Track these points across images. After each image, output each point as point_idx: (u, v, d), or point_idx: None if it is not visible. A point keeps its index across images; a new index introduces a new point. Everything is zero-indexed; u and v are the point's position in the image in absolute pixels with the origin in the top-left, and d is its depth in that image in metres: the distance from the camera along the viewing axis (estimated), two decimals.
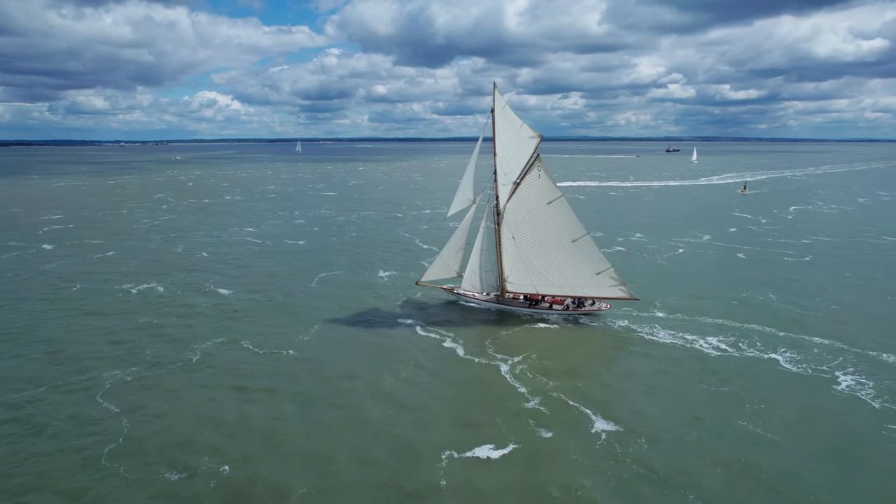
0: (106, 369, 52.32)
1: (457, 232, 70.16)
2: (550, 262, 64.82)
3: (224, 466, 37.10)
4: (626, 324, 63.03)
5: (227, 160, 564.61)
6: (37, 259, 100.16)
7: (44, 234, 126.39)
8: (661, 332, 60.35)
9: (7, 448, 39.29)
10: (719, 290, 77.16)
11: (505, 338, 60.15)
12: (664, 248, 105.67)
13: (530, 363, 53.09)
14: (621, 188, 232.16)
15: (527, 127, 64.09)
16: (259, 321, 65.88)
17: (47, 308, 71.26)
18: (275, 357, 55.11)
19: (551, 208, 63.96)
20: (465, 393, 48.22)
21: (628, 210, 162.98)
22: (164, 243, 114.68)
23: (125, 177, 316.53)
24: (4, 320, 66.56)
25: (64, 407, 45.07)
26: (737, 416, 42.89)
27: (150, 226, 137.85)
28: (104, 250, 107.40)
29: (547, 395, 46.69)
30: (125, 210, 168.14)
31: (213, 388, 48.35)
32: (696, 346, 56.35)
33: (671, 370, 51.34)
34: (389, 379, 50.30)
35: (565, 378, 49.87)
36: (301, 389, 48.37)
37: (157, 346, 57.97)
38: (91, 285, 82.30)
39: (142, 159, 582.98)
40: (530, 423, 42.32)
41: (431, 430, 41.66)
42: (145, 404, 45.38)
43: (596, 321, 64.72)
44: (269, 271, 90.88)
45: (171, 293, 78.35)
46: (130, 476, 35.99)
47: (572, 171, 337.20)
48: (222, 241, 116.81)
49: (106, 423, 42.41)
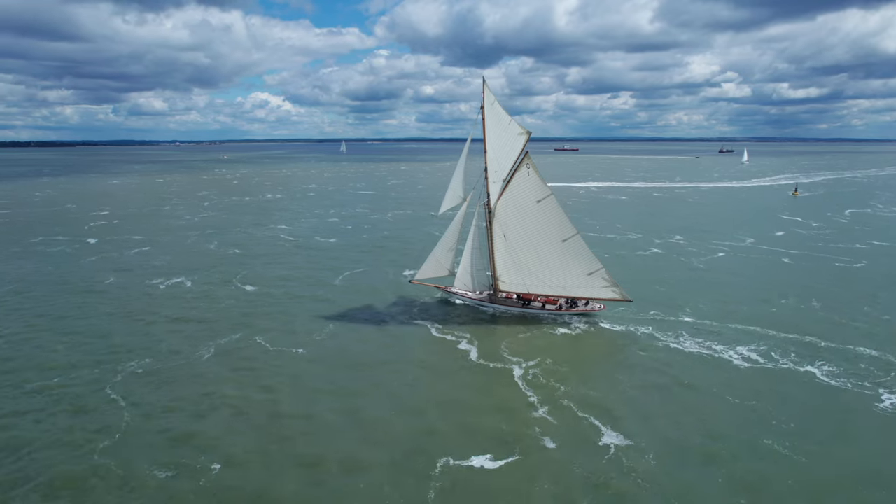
0: (121, 361, 52.86)
1: (448, 230, 69.67)
2: (541, 262, 63.90)
3: (215, 465, 36.48)
4: (649, 330, 59.82)
5: (274, 159, 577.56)
6: (79, 252, 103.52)
7: (89, 229, 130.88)
8: (686, 339, 56.96)
9: (6, 433, 39.80)
10: (757, 296, 72.74)
11: (509, 340, 57.93)
12: (702, 251, 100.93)
13: (539, 367, 50.80)
14: (666, 189, 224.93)
15: (515, 123, 63.24)
16: (276, 318, 65.70)
17: (78, 299, 73.07)
18: (284, 356, 54.55)
19: (541, 206, 62.78)
20: (466, 397, 46.20)
21: (670, 212, 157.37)
22: (199, 239, 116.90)
23: (174, 175, 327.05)
24: (37, 309, 68.54)
25: (71, 397, 45.55)
26: (761, 434, 39.60)
27: (189, 222, 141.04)
28: (141, 245, 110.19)
29: (555, 402, 44.40)
30: (168, 206, 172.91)
31: (218, 386, 48.04)
32: (723, 356, 52.85)
33: (692, 380, 48.15)
34: (392, 382, 48.98)
35: (575, 385, 47.42)
36: (303, 390, 47.58)
37: (174, 341, 58.34)
38: (123, 279, 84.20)
39: (193, 158, 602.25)
40: (535, 430, 40.22)
41: (429, 436, 40.08)
42: (150, 399, 45.40)
43: (605, 323, 61.77)
44: (295, 268, 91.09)
45: (198, 288, 79.29)
46: (120, 471, 35.73)
47: (617, 172, 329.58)
48: (255, 238, 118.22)
49: (108, 416, 42.52)
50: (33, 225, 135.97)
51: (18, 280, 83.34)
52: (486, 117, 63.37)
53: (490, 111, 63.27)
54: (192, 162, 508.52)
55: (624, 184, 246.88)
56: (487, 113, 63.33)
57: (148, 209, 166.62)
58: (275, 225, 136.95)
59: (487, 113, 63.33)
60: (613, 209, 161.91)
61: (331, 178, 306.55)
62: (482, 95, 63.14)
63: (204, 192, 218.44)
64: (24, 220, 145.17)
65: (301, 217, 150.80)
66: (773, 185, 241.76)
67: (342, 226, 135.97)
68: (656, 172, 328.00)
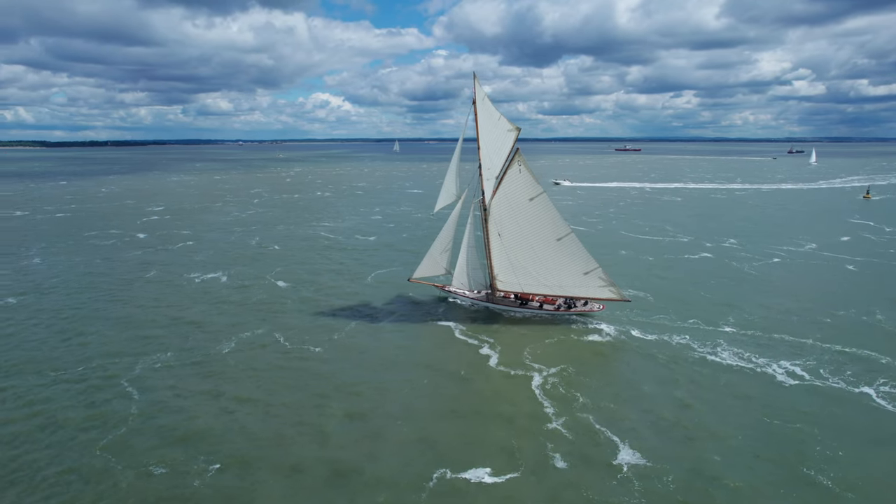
0: (144, 354, 53.32)
1: (443, 229, 68.90)
2: (537, 261, 63.04)
3: (212, 465, 35.64)
4: (685, 339, 55.68)
5: (329, 158, 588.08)
6: (128, 246, 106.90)
7: (141, 223, 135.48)
8: (724, 350, 52.64)
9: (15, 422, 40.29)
10: (812, 305, 67.00)
11: (520, 344, 55.06)
12: (757, 256, 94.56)
13: (555, 374, 47.86)
14: (725, 191, 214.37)
15: (504, 119, 62.13)
16: (300, 316, 65.18)
17: (116, 291, 74.86)
18: (300, 354, 53.70)
19: (534, 205, 61.78)
20: (474, 404, 43.82)
21: (726, 214, 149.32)
22: (242, 235, 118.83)
23: (231, 173, 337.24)
24: (76, 300, 70.58)
25: (87, 388, 45.95)
26: (803, 464, 35.51)
27: (236, 218, 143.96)
28: (186, 240, 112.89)
29: (571, 413, 41.44)
30: (220, 203, 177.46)
31: (228, 384, 47.53)
32: (766, 370, 48.40)
33: (725, 397, 44.12)
34: (399, 386, 47.19)
35: (593, 395, 44.20)
36: (311, 392, 46.39)
37: (198, 335, 58.55)
38: (163, 272, 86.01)
39: (252, 157, 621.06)
40: (545, 444, 37.50)
41: (430, 444, 37.93)
42: (160, 395, 45.28)
43: (637, 331, 57.74)
44: (330, 266, 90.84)
45: (232, 283, 80.00)
46: (118, 466, 35.37)
47: (674, 173, 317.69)
48: (296, 235, 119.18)
49: (117, 410, 42.56)
50: (91, 219, 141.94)
51: (66, 271, 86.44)
52: (479, 113, 62.20)
53: (481, 107, 62.06)
54: (251, 160, 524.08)
55: (680, 185, 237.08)
56: (479, 109, 62.14)
57: (200, 205, 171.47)
58: (318, 222, 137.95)
59: (479, 109, 62.14)
60: (666, 211, 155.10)
61: (381, 176, 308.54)
62: (473, 91, 61.79)
63: (256, 190, 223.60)
64: (84, 214, 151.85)
65: (345, 215, 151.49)
66: (844, 188, 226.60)
67: (384, 224, 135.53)
68: (716, 173, 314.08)
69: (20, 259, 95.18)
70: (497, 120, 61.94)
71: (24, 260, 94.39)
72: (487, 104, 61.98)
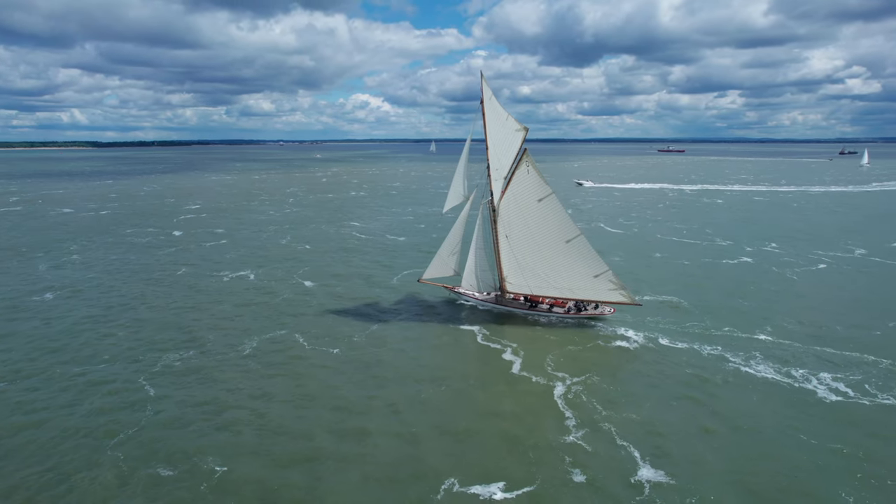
0: (164, 351, 53.65)
1: (452, 229, 68.33)
2: (545, 263, 62.31)
3: (218, 468, 35.17)
4: (718, 350, 52.86)
5: (367, 158, 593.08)
6: (162, 243, 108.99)
7: (178, 221, 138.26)
8: (759, 361, 49.75)
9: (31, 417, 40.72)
10: (859, 315, 63.08)
11: (539, 349, 53.14)
12: (801, 262, 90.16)
13: (577, 382, 45.90)
14: (769, 193, 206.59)
15: (512, 119, 61.58)
16: (322, 317, 64.81)
17: (146, 289, 76.02)
18: (317, 358, 53.02)
19: (542, 206, 60.96)
20: (491, 412, 42.33)
21: (769, 217, 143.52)
22: (274, 234, 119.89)
23: (269, 173, 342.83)
24: (107, 296, 71.89)
25: (106, 386, 46.24)
26: (844, 489, 32.91)
27: (270, 217, 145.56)
28: (219, 238, 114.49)
29: (593, 424, 39.51)
30: (255, 202, 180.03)
31: (243, 385, 47.22)
32: (804, 385, 45.42)
33: (757, 411, 41.44)
34: (413, 391, 45.97)
35: (617, 405, 42.11)
36: (325, 396, 45.66)
37: (220, 334, 58.69)
38: (193, 270, 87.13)
39: (291, 157, 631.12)
40: (564, 458, 35.77)
41: (441, 453, 36.63)
42: (176, 394, 45.25)
43: (665, 339, 55.03)
44: (357, 266, 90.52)
45: (259, 282, 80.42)
46: (125, 467, 35.24)
47: (716, 175, 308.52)
48: (327, 235, 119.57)
49: (133, 408, 42.63)
50: (131, 217, 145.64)
51: (102, 268, 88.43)
52: (486, 112, 61.59)
53: (489, 106, 61.42)
54: (290, 160, 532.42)
55: (722, 186, 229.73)
56: (487, 108, 61.52)
57: (236, 204, 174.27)
58: (350, 222, 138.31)
59: (487, 108, 61.52)
60: (705, 213, 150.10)
61: (416, 177, 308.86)
62: (481, 90, 61.04)
63: (292, 189, 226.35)
64: (125, 212, 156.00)
65: (377, 215, 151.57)
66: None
67: (415, 224, 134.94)
68: (760, 175, 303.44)
69: (61, 255, 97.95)
70: (505, 120, 61.15)
71: (64, 256, 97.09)
72: (495, 103, 61.25)
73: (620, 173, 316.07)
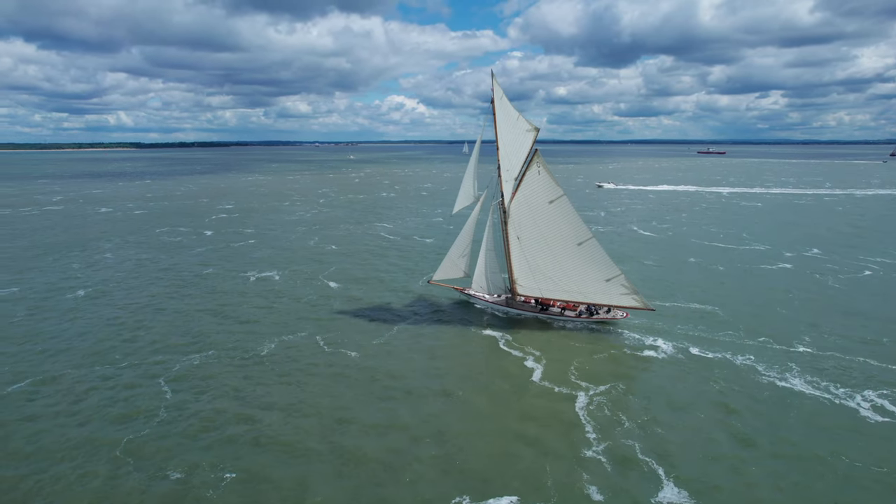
0: (186, 352, 53.72)
1: (462, 231, 68.13)
2: (557, 266, 61.39)
3: (230, 474, 34.58)
4: (750, 361, 50.11)
5: (400, 160, 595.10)
6: (193, 242, 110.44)
7: (210, 221, 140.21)
8: (796, 375, 46.89)
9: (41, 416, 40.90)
10: None
11: (559, 355, 51.23)
12: (844, 269, 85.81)
13: (601, 393, 43.93)
14: (811, 196, 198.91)
15: (523, 119, 61.03)
16: (344, 318, 64.21)
17: (173, 288, 76.77)
18: (335, 361, 52.29)
19: (553, 208, 59.99)
20: (507, 423, 40.77)
21: (811, 221, 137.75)
22: (303, 234, 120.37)
23: (303, 173, 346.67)
24: (134, 295, 72.78)
25: (124, 386, 46.36)
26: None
27: (300, 218, 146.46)
28: (248, 238, 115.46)
29: (614, 439, 37.64)
30: (287, 203, 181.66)
31: (258, 388, 46.75)
32: (846, 402, 42.52)
33: (793, 431, 38.87)
34: (427, 398, 44.81)
35: (641, 419, 40.07)
36: (338, 400, 44.83)
37: (242, 335, 58.56)
38: (221, 270, 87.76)
39: (326, 158, 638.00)
40: (581, 474, 34.02)
41: (453, 465, 35.29)
42: (192, 395, 45.06)
43: (696, 348, 52.51)
44: (382, 268, 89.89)
45: (284, 282, 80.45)
46: (132, 468, 34.93)
47: (756, 177, 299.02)
48: (356, 235, 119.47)
49: (147, 409, 42.52)
50: (165, 216, 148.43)
51: (131, 267, 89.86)
52: (497, 112, 61.15)
53: (499, 106, 60.92)
54: (324, 161, 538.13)
55: (761, 189, 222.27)
56: (497, 108, 61.08)
57: (267, 205, 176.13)
58: (378, 223, 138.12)
59: (497, 108, 61.08)
60: (743, 217, 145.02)
61: (448, 178, 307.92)
62: (491, 90, 60.51)
63: (324, 190, 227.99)
64: (159, 211, 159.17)
65: (406, 216, 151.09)
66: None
67: (444, 226, 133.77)
68: (802, 177, 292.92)
69: (95, 253, 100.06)
70: (516, 120, 60.37)
71: (98, 254, 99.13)
72: (505, 104, 60.54)
73: (657, 175, 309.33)
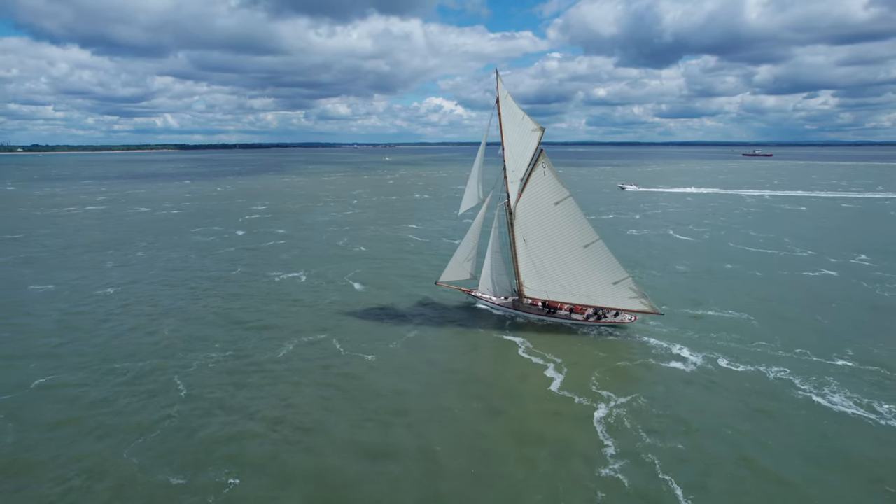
0: (203, 352, 53.80)
1: (469, 232, 67.57)
2: (563, 268, 60.41)
3: (232, 480, 34.04)
4: (785, 374, 47.09)
5: (436, 161, 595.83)
6: (224, 242, 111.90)
7: (243, 221, 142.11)
8: (835, 391, 43.78)
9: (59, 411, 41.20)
10: None
11: (592, 365, 49.15)
12: (894, 277, 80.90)
13: (621, 404, 41.84)
14: (861, 200, 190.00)
15: (528, 119, 60.03)
16: (364, 321, 63.56)
17: (200, 287, 77.56)
18: (350, 365, 51.45)
19: (559, 209, 58.86)
20: (523, 435, 39.13)
21: (860, 226, 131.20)
22: (332, 235, 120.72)
23: (339, 175, 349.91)
24: (162, 294, 73.75)
25: (140, 384, 46.53)
26: None
27: (331, 219, 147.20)
28: (279, 238, 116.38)
29: (633, 453, 35.65)
30: (320, 204, 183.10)
31: (271, 393, 46.27)
32: (892, 423, 39.41)
33: (829, 452, 36.13)
34: (447, 409, 43.50)
35: (661, 433, 37.85)
36: (349, 409, 43.93)
37: (261, 336, 58.42)
38: (248, 270, 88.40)
39: (362, 160, 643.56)
40: (598, 494, 32.24)
41: (463, 480, 33.96)
42: (203, 397, 44.83)
43: (725, 360, 49.69)
44: (408, 269, 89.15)
45: (309, 283, 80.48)
46: (137, 469, 34.72)
47: (801, 180, 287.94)
48: (385, 237, 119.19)
49: (158, 410, 42.44)
50: (199, 217, 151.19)
51: (161, 266, 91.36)
52: (502, 112, 60.42)
53: (504, 105, 60.25)
54: (360, 163, 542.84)
55: (807, 192, 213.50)
56: (503, 107, 60.36)
57: (301, 205, 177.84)
58: (408, 224, 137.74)
59: (503, 107, 60.36)
60: (786, 221, 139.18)
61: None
62: (496, 89, 59.80)
63: (357, 191, 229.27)
64: (195, 212, 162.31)
65: (436, 217, 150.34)
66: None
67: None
68: (852, 180, 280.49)
69: (129, 252, 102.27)
70: (521, 120, 59.50)
71: (130, 253, 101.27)
72: (510, 103, 59.71)
73: (695, 178, 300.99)
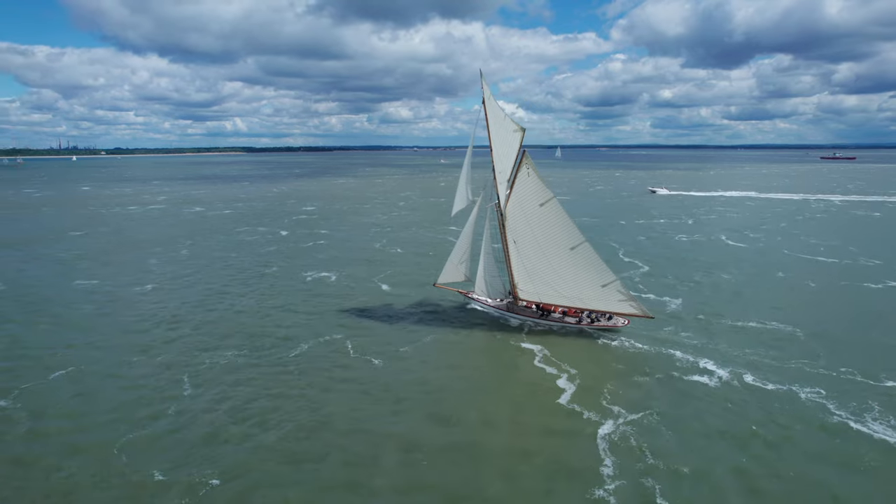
0: (218, 351, 54.21)
1: (462, 234, 66.85)
2: (552, 270, 59.21)
3: (215, 480, 33.58)
4: (821, 394, 42.56)
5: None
6: (266, 242, 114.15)
7: (289, 222, 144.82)
8: (878, 419, 39.05)
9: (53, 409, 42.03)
10: None
11: (607, 377, 45.98)
12: None
13: (630, 421, 38.83)
14: None
15: (509, 120, 58.92)
16: (382, 323, 62.78)
17: (231, 286, 78.93)
18: (359, 368, 50.43)
19: (544, 211, 58.57)
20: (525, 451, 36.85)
21: None
22: (372, 237, 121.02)
23: (393, 177, 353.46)
24: (195, 291, 75.50)
25: (145, 382, 47.14)
26: None
27: (376, 220, 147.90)
28: (319, 239, 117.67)
29: (629, 474, 32.87)
30: (368, 205, 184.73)
31: (275, 394, 45.84)
32: None
33: (869, 489, 32.21)
34: (449, 418, 41.78)
35: (670, 456, 34.70)
36: (352, 416, 42.92)
37: (278, 336, 58.48)
38: (282, 270, 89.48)
39: (420, 162, 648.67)
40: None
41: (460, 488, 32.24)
42: (206, 397, 44.88)
43: (749, 375, 45.42)
44: (437, 272, 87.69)
45: (339, 283, 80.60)
46: (127, 467, 34.81)
47: (879, 183, 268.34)
48: (423, 239, 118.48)
49: (157, 408, 42.74)
50: (249, 216, 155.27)
51: (201, 264, 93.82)
52: (488, 112, 59.61)
53: (489, 105, 59.55)
54: (416, 165, 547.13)
55: (883, 197, 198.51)
56: (488, 108, 59.57)
57: (349, 207, 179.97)
58: (450, 227, 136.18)
59: (488, 108, 59.57)
60: (853, 228, 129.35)
61: None
62: (482, 89, 58.98)
63: (407, 193, 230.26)
64: (246, 211, 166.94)
65: None
66: None
67: None
68: None
69: (174, 250, 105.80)
70: (503, 120, 59.13)
71: (174, 251, 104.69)
72: (493, 103, 59.33)
73: (757, 181, 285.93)
